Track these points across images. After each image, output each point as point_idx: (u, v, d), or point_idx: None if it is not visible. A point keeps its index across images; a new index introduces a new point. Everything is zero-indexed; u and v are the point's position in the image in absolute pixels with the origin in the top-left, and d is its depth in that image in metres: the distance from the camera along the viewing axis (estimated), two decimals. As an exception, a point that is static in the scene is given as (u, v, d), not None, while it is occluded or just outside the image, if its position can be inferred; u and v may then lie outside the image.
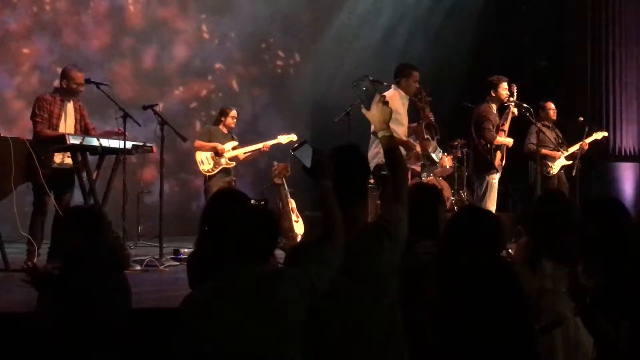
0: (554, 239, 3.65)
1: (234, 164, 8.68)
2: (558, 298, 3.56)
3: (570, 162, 8.72)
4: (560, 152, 8.66)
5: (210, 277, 2.80)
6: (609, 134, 10.21)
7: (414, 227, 3.04)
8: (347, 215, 2.81)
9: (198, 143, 8.62)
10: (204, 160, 8.66)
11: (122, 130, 6.86)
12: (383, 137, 2.94)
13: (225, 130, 8.82)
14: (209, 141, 8.64)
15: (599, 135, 9.05)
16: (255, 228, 2.75)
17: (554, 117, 8.85)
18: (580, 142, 8.76)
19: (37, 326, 3.49)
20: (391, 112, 2.96)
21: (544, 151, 8.54)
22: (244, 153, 8.82)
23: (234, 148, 8.74)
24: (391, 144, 2.95)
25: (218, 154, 8.63)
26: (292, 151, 2.94)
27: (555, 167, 8.67)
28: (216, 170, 8.64)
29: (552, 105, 8.85)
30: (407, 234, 2.92)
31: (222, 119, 8.82)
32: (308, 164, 2.90)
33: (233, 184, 8.62)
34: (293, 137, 9.13)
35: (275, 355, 2.64)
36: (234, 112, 8.88)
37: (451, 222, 3.26)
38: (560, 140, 8.84)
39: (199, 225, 3.41)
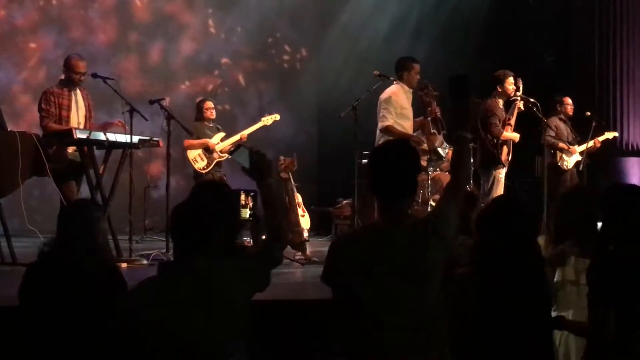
0: (578, 233, 3.64)
1: (225, 156, 8.57)
2: (579, 290, 3.55)
3: (582, 157, 8.81)
4: (573, 147, 8.78)
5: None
6: (616, 129, 10.22)
7: None
8: (392, 209, 2.83)
9: (187, 142, 8.52)
10: (197, 158, 8.62)
11: (122, 121, 6.85)
12: (463, 138, 3.00)
13: (209, 124, 8.80)
14: (197, 138, 8.58)
15: (610, 135, 9.22)
16: (186, 222, 2.80)
17: (571, 112, 8.96)
18: (594, 140, 8.84)
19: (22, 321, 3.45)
20: (477, 117, 3.02)
21: (561, 145, 8.65)
22: (229, 145, 8.63)
23: (222, 140, 8.72)
24: (466, 146, 3.03)
25: (209, 150, 8.62)
26: (230, 155, 3.05)
27: (571, 162, 8.78)
28: (211, 166, 8.62)
29: (569, 100, 8.94)
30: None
31: (199, 114, 8.79)
32: (247, 165, 3.04)
33: (224, 178, 8.59)
34: (276, 116, 9.11)
35: (215, 342, 2.69)
36: (208, 104, 8.84)
37: (483, 214, 3.23)
38: (573, 136, 8.91)
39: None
